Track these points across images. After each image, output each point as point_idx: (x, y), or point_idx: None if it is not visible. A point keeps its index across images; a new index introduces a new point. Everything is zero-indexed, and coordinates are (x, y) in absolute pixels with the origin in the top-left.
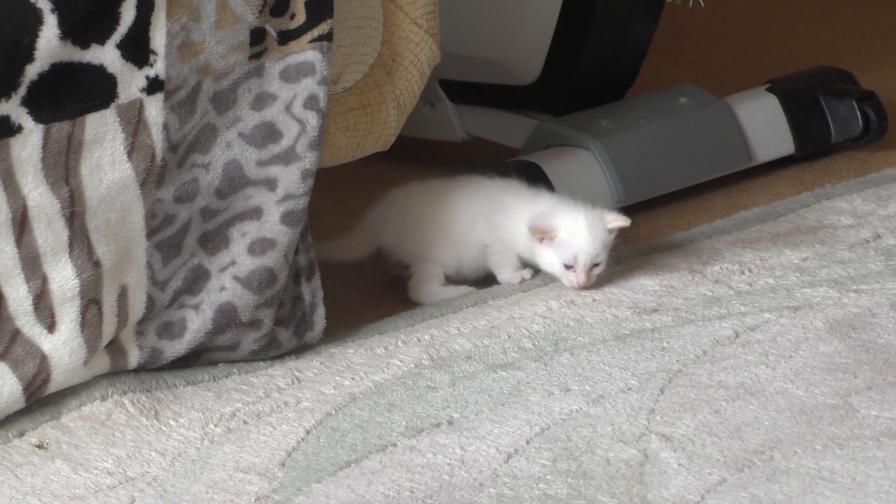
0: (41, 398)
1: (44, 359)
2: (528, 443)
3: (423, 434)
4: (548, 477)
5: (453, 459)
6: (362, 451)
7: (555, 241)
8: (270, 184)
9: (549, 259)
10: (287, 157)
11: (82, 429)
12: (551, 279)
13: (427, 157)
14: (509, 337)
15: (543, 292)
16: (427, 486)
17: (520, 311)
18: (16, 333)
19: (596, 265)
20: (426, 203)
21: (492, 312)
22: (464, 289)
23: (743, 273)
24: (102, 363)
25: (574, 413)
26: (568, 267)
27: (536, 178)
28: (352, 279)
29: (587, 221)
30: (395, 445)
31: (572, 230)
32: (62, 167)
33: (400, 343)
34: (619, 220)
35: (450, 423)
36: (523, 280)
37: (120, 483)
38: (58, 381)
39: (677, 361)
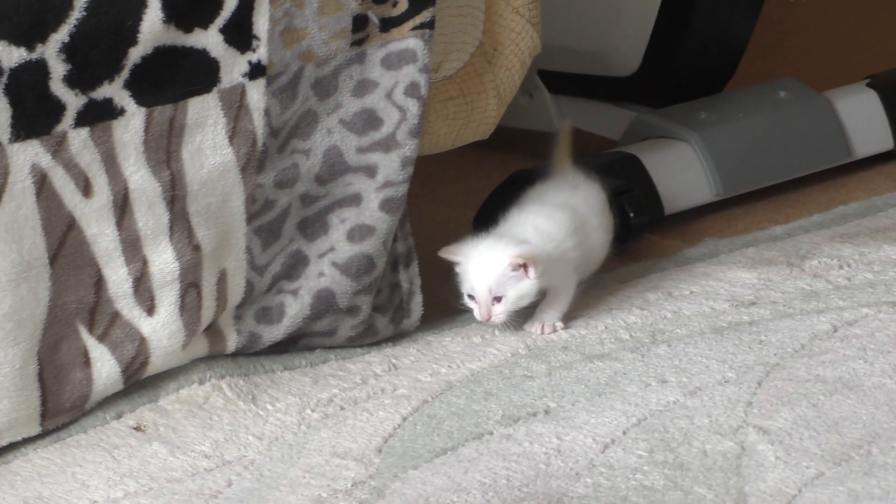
0: (139, 381)
1: (142, 341)
2: (624, 433)
3: (519, 423)
4: (644, 468)
5: (550, 449)
6: (458, 439)
7: (460, 267)
8: (370, 171)
9: (460, 285)
10: (387, 144)
11: (180, 412)
12: (650, 270)
13: (525, 147)
14: (606, 328)
15: (641, 283)
16: (523, 474)
17: (617, 302)
18: (115, 316)
19: (497, 300)
20: None
21: (589, 302)
22: None
23: (841, 268)
24: (201, 347)
25: (671, 405)
26: (471, 297)
27: (635, 169)
28: (449, 268)
29: (483, 252)
30: (491, 434)
31: (468, 258)
32: (164, 151)
33: (496, 332)
34: (517, 258)
35: (546, 412)
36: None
37: (217, 466)
38: (156, 363)
39: (775, 355)
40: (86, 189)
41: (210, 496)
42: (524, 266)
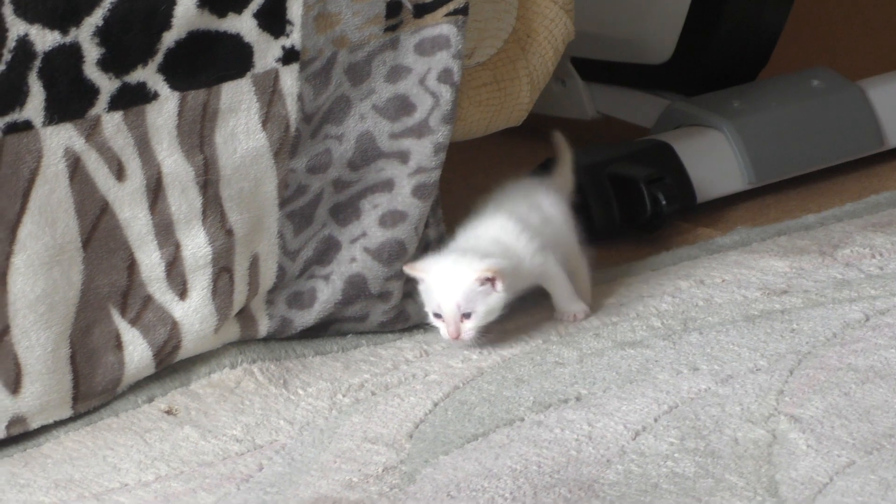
0: (171, 364)
1: (175, 325)
2: (656, 420)
3: (550, 409)
4: (675, 455)
5: (581, 435)
6: (490, 425)
7: (424, 285)
8: (403, 156)
9: (424, 305)
10: (420, 130)
11: (211, 396)
12: (681, 258)
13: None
14: (637, 315)
15: (673, 271)
16: (554, 461)
17: (648, 290)
18: (148, 299)
19: (466, 316)
20: None
21: (620, 290)
22: None
23: (874, 257)
24: (232, 331)
25: (702, 392)
26: (437, 316)
27: (667, 157)
28: None
29: (449, 267)
30: (522, 420)
31: (433, 275)
32: (197, 135)
33: (528, 318)
34: (484, 271)
35: (577, 399)
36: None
37: (248, 450)
38: (188, 347)
39: (807, 343)
40: (119, 173)
41: (241, 480)
42: (492, 280)
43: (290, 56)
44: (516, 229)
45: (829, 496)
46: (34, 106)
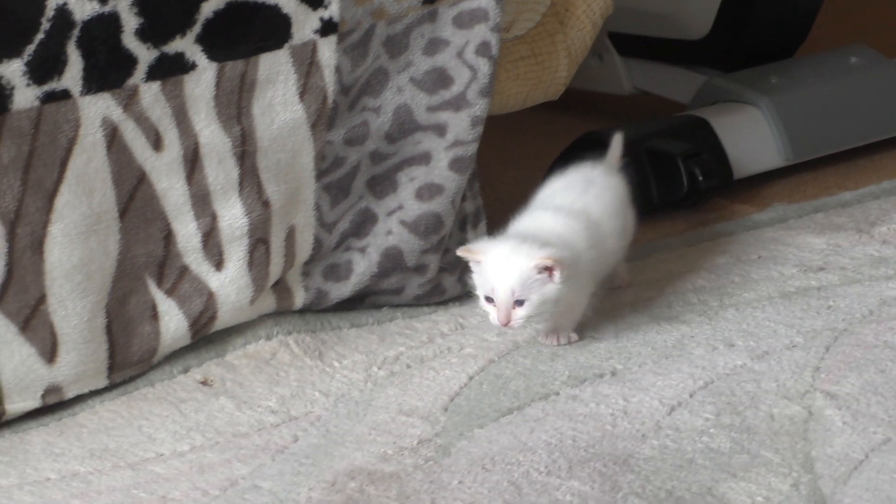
0: (206, 335)
1: (210, 296)
2: (691, 396)
3: (585, 384)
4: (711, 430)
5: (616, 410)
6: (525, 399)
7: (479, 267)
8: (440, 129)
9: (477, 288)
10: (457, 104)
11: (247, 367)
12: (718, 235)
13: (594, 109)
14: (674, 290)
15: (710, 247)
16: (589, 435)
17: (685, 266)
18: (184, 270)
19: (518, 303)
20: None
21: (657, 265)
22: None
23: None
24: (268, 303)
25: (738, 368)
26: (489, 300)
27: (705, 133)
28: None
29: (507, 252)
30: (557, 394)
31: (490, 258)
32: (234, 106)
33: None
34: (545, 259)
35: (613, 373)
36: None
37: (283, 422)
38: (224, 318)
39: (843, 320)
40: (156, 143)
41: (276, 451)
42: (550, 269)
43: (328, 28)
44: (581, 228)
45: (865, 473)
46: (72, 75)
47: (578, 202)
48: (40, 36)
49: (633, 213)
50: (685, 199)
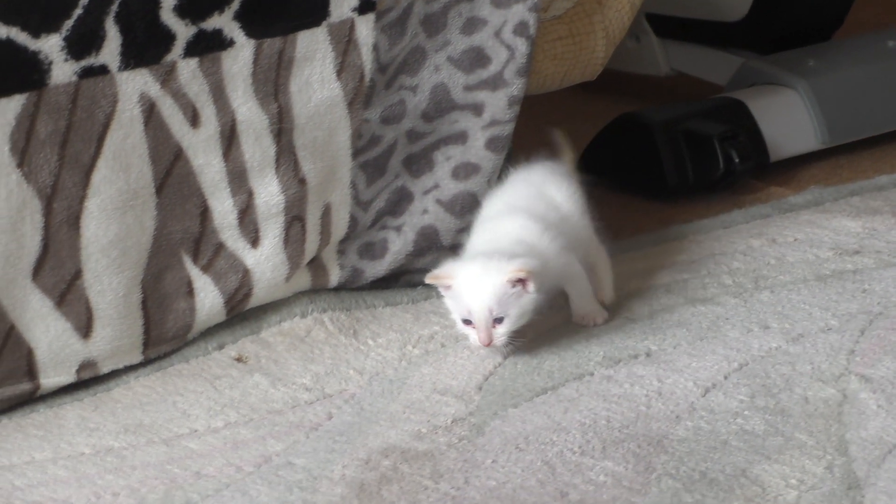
0: (241, 312)
1: (246, 273)
2: (726, 378)
3: (620, 364)
4: (745, 412)
5: (650, 391)
6: (559, 379)
7: (451, 292)
8: (477, 109)
9: (452, 313)
10: (494, 83)
11: (281, 344)
12: (753, 217)
13: (630, 91)
14: (709, 272)
15: (745, 229)
16: (624, 415)
17: (720, 248)
18: (219, 247)
19: (498, 321)
20: None
21: (692, 248)
22: None
23: None
24: (303, 280)
25: (773, 350)
26: (467, 322)
27: (741, 115)
28: None
29: (477, 271)
30: (592, 374)
31: (461, 281)
32: (272, 83)
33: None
34: (517, 272)
35: (647, 354)
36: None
37: (318, 399)
38: (259, 295)
39: (878, 304)
40: (193, 119)
41: (310, 428)
42: (523, 281)
43: (366, 6)
44: (538, 229)
45: None
46: (110, 50)
47: (522, 200)
48: (78, 11)
49: (577, 198)
50: (721, 181)
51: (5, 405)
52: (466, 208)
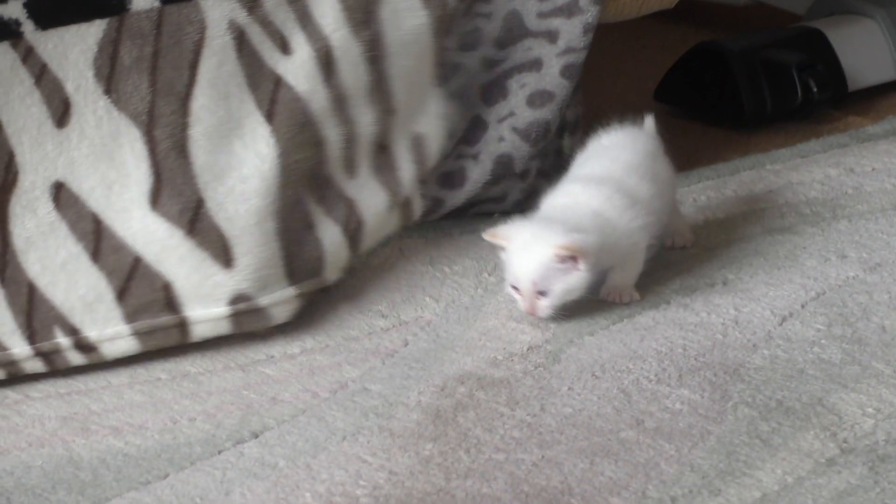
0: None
1: (349, 203)
2: (803, 307)
3: (697, 293)
4: (822, 341)
5: (727, 319)
6: (636, 307)
7: (504, 253)
8: (551, 36)
9: (504, 273)
10: (570, 10)
11: (358, 271)
12: (831, 146)
13: (709, 21)
14: (786, 202)
15: (823, 159)
16: (700, 344)
17: (798, 177)
18: (328, 178)
19: (541, 293)
20: None
21: (769, 177)
22: None
23: None
24: (397, 213)
25: (850, 280)
26: (514, 287)
27: (819, 45)
28: None
29: (527, 240)
30: (668, 303)
31: (514, 246)
32: (362, 10)
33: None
34: (564, 249)
35: (724, 283)
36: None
37: (393, 326)
38: (370, 224)
39: None
40: (283, 47)
41: (386, 355)
42: (573, 258)
43: None
44: (623, 204)
45: None
46: None
47: (609, 170)
48: None
49: (671, 171)
50: (799, 111)
51: (157, 342)
52: (540, 136)
